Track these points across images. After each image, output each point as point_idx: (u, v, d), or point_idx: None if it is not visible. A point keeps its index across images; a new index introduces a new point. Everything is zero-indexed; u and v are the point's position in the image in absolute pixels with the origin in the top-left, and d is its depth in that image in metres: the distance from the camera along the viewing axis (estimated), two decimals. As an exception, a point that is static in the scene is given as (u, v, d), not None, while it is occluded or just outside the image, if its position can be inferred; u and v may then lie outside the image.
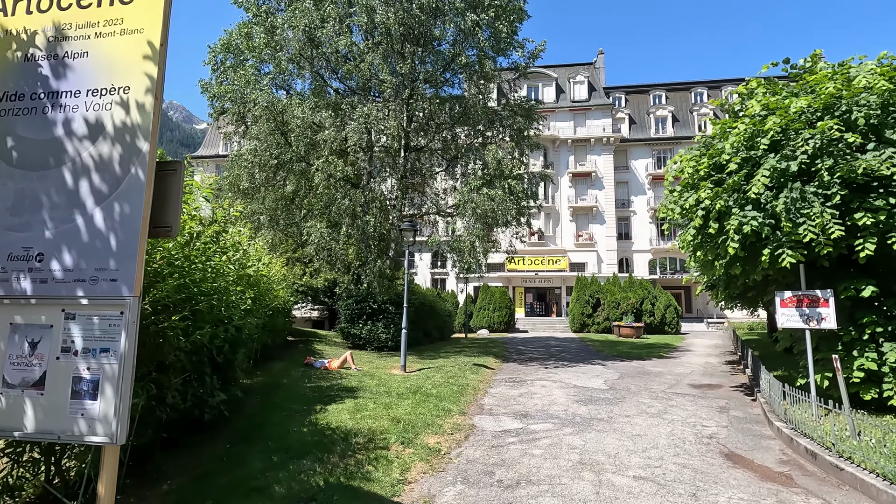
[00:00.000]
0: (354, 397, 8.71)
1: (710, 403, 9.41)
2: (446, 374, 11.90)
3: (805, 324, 7.63)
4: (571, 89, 44.91)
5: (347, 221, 14.23)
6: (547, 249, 41.45)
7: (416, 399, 8.75)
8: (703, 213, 8.61)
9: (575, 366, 14.69)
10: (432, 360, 14.68)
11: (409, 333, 19.39)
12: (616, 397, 9.76)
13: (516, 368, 13.95)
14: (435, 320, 21.86)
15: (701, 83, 45.74)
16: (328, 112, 14.84)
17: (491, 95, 16.89)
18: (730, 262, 8.80)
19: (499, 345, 21.05)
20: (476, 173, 14.22)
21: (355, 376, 11.22)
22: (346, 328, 17.54)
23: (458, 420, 7.58)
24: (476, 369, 12.88)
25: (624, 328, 27.27)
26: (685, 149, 9.25)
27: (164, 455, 5.09)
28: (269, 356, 12.66)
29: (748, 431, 7.29)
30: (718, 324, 36.74)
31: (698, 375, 13.22)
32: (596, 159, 43.06)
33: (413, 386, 10.07)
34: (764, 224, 7.70)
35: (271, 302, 9.71)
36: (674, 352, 19.96)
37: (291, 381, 9.96)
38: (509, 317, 32.50)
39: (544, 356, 17.33)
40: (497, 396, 9.77)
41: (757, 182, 7.47)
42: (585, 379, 12.13)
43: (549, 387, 10.90)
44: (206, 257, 5.23)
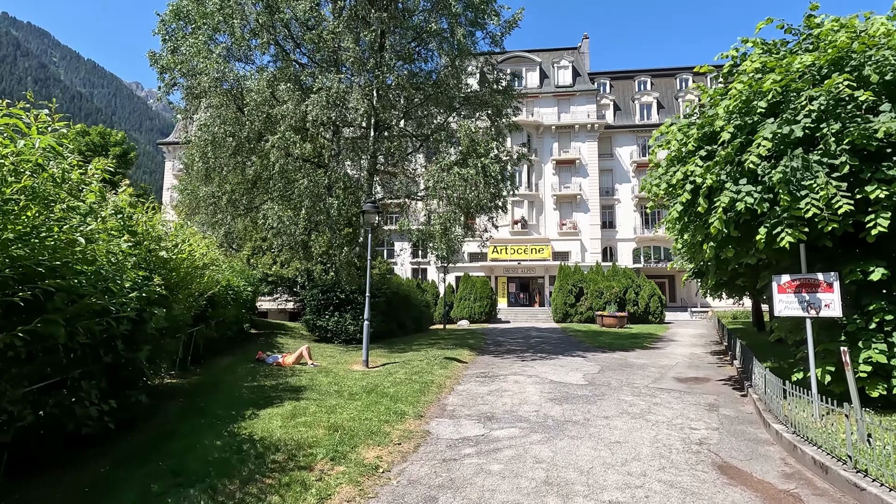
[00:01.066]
0: (297, 399, 7.61)
1: (697, 400, 8.52)
2: (412, 369, 10.86)
3: (805, 312, 6.73)
4: (555, 74, 43.83)
5: (307, 204, 13.01)
6: (530, 238, 40.59)
7: (368, 400, 7.69)
8: (692, 189, 7.64)
9: (554, 358, 13.78)
10: (401, 354, 13.64)
11: (381, 325, 18.43)
12: (595, 394, 8.83)
13: (490, 362, 12.98)
14: (410, 311, 20.81)
15: (686, 69, 45.00)
16: (287, 85, 13.53)
17: (467, 70, 15.71)
18: (721, 243, 7.87)
19: (477, 336, 20.10)
20: (447, 151, 13.12)
21: (309, 373, 10.13)
22: (312, 320, 16.40)
23: (410, 426, 6.55)
24: (446, 363, 11.87)
25: (607, 318, 26.56)
26: (672, 118, 8.25)
27: (10, 485, 3.95)
28: (218, 351, 11.49)
29: (742, 435, 6.38)
30: (702, 313, 36.36)
31: (684, 368, 12.40)
32: (580, 146, 42.17)
33: (370, 384, 9.01)
34: (761, 199, 6.75)
35: (203, 290, 8.52)
36: (658, 342, 19.22)
37: (232, 380, 8.82)
38: (491, 307, 31.61)
39: (522, 348, 16.41)
40: (463, 395, 8.76)
41: (756, 150, 6.49)
42: (563, 373, 11.20)
43: (522, 382, 9.93)
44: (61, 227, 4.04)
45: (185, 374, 9.14)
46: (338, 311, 16.28)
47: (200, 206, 15.71)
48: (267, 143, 12.63)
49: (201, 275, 7.90)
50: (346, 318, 16.19)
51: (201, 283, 7.99)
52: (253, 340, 14.86)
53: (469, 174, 12.44)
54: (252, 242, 26.17)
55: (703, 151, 7.42)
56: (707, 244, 7.99)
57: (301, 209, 12.98)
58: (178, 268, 6.73)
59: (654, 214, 43.06)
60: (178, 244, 7.09)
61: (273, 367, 10.65)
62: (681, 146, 7.66)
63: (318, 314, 16.38)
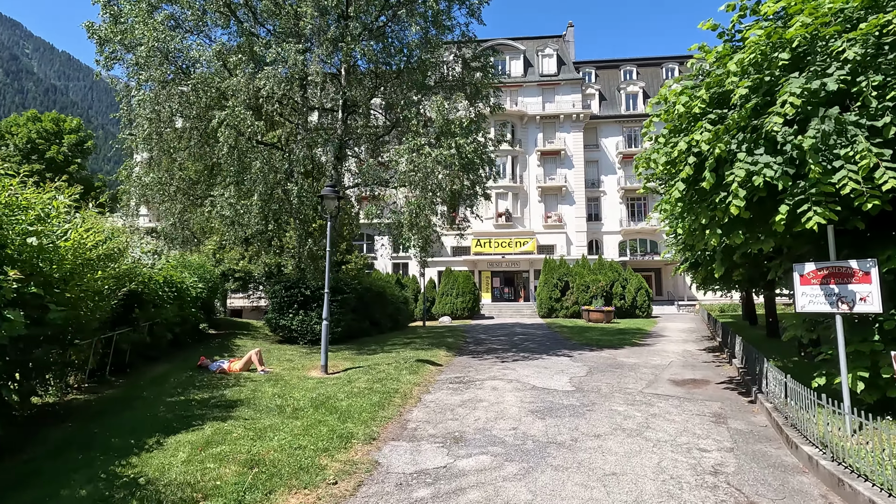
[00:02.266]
0: (225, 418, 6.26)
1: (700, 409, 7.38)
2: (376, 375, 9.56)
3: (835, 307, 5.58)
4: (540, 63, 42.63)
5: (261, 190, 11.57)
6: (515, 231, 39.46)
7: (312, 418, 6.37)
8: (696, 162, 6.44)
9: (537, 358, 12.59)
10: (370, 356, 12.32)
11: (352, 324, 17.05)
12: (583, 404, 7.63)
13: (468, 364, 11.74)
14: (385, 308, 19.47)
15: (672, 58, 44.21)
16: (239, 56, 12.03)
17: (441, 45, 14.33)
18: (728, 226, 6.68)
19: (457, 333, 18.86)
20: (419, 131, 11.80)
21: (256, 381, 8.76)
22: (275, 319, 14.97)
23: (356, 454, 5.25)
24: (417, 367, 10.59)
25: (594, 312, 25.53)
26: (672, 79, 7.03)
27: None
28: (154, 357, 10.04)
29: (764, 459, 5.22)
30: (689, 306, 35.68)
31: (678, 368, 11.30)
32: (565, 137, 41.10)
33: (322, 395, 7.68)
34: (782, 172, 5.57)
35: (115, 286, 7.07)
36: (647, 338, 18.20)
37: (155, 395, 7.41)
38: (473, 302, 30.41)
39: (505, 347, 15.21)
40: (431, 407, 7.49)
41: (782, 109, 5.29)
42: (547, 376, 10.00)
43: (501, 389, 8.70)
44: None
45: (100, 388, 7.70)
46: (303, 309, 14.88)
47: (147, 194, 14.13)
48: (214, 121, 11.12)
49: (106, 267, 6.46)
50: (311, 317, 14.80)
51: (107, 278, 6.55)
52: (206, 343, 13.41)
53: (443, 155, 11.11)
54: (219, 236, 24.55)
55: (713, 115, 6.21)
56: (713, 228, 6.80)
57: (254, 195, 11.51)
58: (63, 260, 5.31)
59: (640, 207, 42.28)
60: (66, 230, 5.65)
61: (215, 375, 9.25)
62: (686, 110, 6.44)
63: (282, 313, 14.96)
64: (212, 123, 11.22)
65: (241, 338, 15.25)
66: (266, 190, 11.65)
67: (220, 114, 11.04)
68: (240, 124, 11.22)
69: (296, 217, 12.72)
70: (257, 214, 11.82)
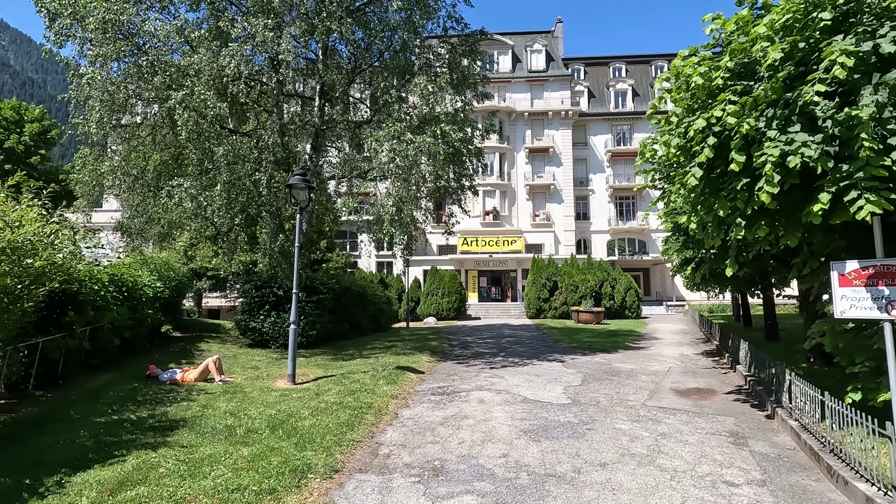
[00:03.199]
0: (157, 445, 5.19)
1: (713, 426, 6.51)
2: (350, 385, 8.54)
3: (885, 312, 4.73)
4: (528, 59, 41.85)
5: (225, 179, 10.44)
6: (502, 230, 38.62)
7: (264, 444, 5.33)
8: (717, 143, 5.55)
9: (528, 363, 11.69)
10: (346, 363, 11.28)
11: (329, 327, 15.97)
12: (582, 420, 6.71)
13: (453, 371, 10.77)
14: (366, 308, 18.41)
15: (661, 56, 43.79)
16: (202, 32, 10.89)
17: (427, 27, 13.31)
18: (751, 219, 5.82)
19: (442, 336, 17.90)
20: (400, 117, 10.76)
21: (210, 394, 7.68)
22: (244, 321, 13.84)
23: (310, 496, 4.24)
24: (397, 375, 9.59)
25: (583, 313, 24.78)
26: (687, 48, 6.14)
27: None
28: (97, 366, 8.86)
29: (807, 498, 4.34)
30: (678, 306, 35.22)
31: (679, 375, 10.48)
32: (554, 134, 40.39)
33: (283, 413, 6.64)
34: (823, 152, 4.71)
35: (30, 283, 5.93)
36: (640, 340, 17.45)
37: (83, 412, 6.29)
38: (460, 303, 29.46)
39: (493, 350, 14.29)
40: (408, 426, 6.50)
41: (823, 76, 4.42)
42: (539, 385, 9.09)
43: (489, 403, 7.74)
44: None
45: (19, 404, 6.55)
46: (275, 310, 13.77)
47: (104, 185, 12.88)
48: (170, 101, 9.96)
49: (17, 263, 5.33)
50: (284, 319, 13.68)
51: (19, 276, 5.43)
52: (166, 347, 12.24)
53: (426, 143, 10.11)
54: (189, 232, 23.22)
55: (739, 86, 5.32)
56: (733, 221, 5.93)
57: (217, 185, 10.38)
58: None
59: (628, 206, 41.77)
60: None
61: (164, 386, 8.14)
62: (705, 82, 5.54)
63: (252, 314, 13.84)
64: (167, 104, 10.05)
65: (209, 341, 14.08)
66: (231, 179, 10.52)
67: (176, 94, 9.89)
68: (200, 106, 10.08)
69: (266, 210, 11.61)
70: (222, 206, 10.68)
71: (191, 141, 10.32)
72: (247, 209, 11.51)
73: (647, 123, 41.45)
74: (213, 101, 10.12)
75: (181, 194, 10.37)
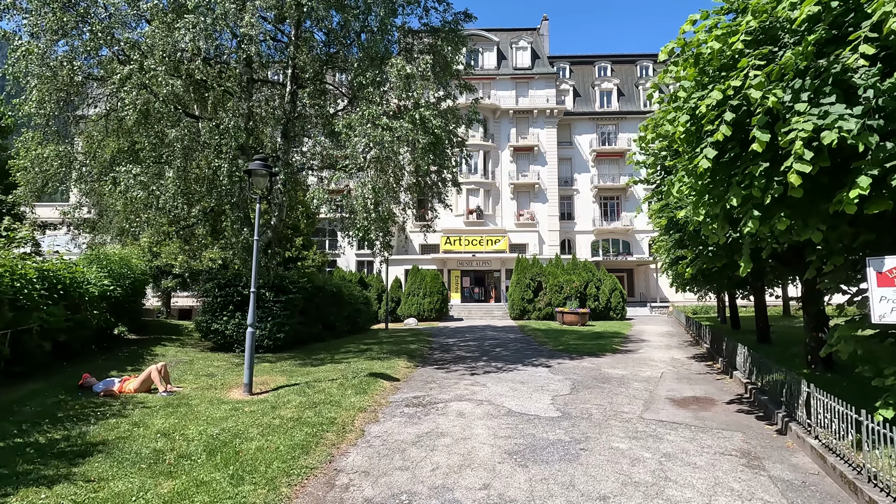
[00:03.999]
0: (60, 478, 4.20)
1: (722, 444, 5.76)
2: (313, 396, 7.59)
3: (934, 317, 4.02)
4: (514, 56, 41.22)
5: (179, 165, 9.38)
6: (486, 229, 37.87)
7: (193, 476, 4.38)
8: (736, 119, 4.79)
9: (512, 369, 10.88)
10: (315, 368, 10.31)
11: (300, 329, 14.90)
12: (574, 438, 5.90)
13: (431, 378, 9.89)
14: (342, 309, 17.40)
15: (646, 56, 43.60)
16: (155, 1, 9.80)
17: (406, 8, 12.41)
18: (768, 209, 5.08)
19: (422, 338, 17.01)
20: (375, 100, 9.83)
21: (149, 409, 6.66)
22: (206, 322, 12.74)
23: (238, 551, 3.32)
24: (368, 384, 8.67)
25: (568, 315, 24.14)
26: (699, 13, 5.37)
27: None
28: (24, 374, 7.74)
29: (850, 541, 3.58)
30: (662, 308, 34.91)
31: (673, 381, 9.78)
32: (539, 132, 39.82)
33: (227, 432, 5.68)
34: (863, 127, 3.98)
35: None
36: (627, 342, 16.82)
37: (-17, 435, 5.24)
38: (442, 303, 28.57)
39: (475, 354, 13.45)
40: (375, 447, 5.60)
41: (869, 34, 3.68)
42: (525, 395, 8.27)
43: (469, 416, 6.89)
44: None
45: None
46: (240, 310, 12.70)
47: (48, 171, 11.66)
48: (115, 76, 8.86)
49: None
50: (250, 320, 12.64)
51: None
52: (115, 352, 11.09)
53: (403, 129, 9.20)
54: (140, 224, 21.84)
55: (764, 50, 4.56)
56: (747, 210, 5.18)
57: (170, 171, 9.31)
58: None
59: (612, 206, 41.42)
60: None
61: (98, 398, 7.09)
62: (721, 47, 4.77)
63: (215, 315, 12.74)
64: (113, 78, 8.95)
65: (166, 344, 12.95)
66: (187, 166, 9.46)
67: (123, 68, 8.80)
68: (151, 83, 9.01)
69: (228, 201, 10.57)
70: (176, 196, 9.60)
71: (140, 123, 9.23)
72: (206, 200, 10.43)
73: (633, 124, 41.21)
74: (165, 77, 9.05)
75: (128, 181, 9.27)
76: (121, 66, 8.96)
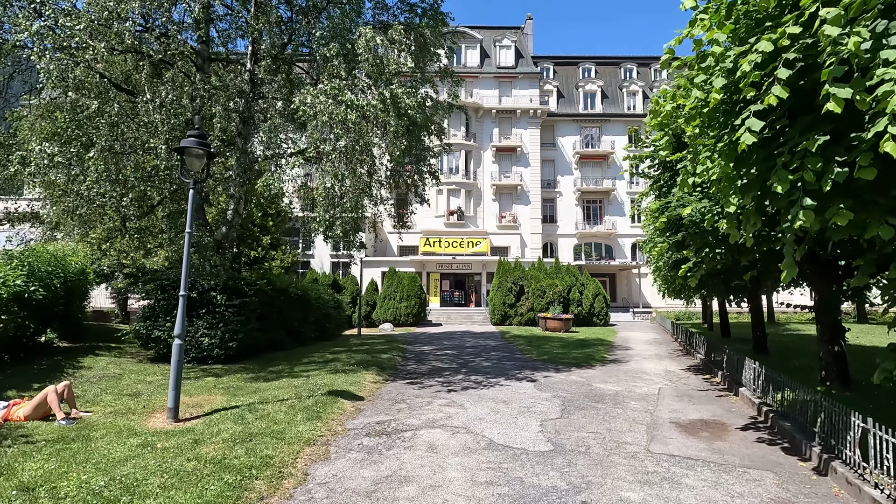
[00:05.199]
0: None
1: (755, 493, 4.62)
2: (253, 424, 6.21)
3: None
4: (497, 54, 40.30)
5: (104, 144, 7.90)
6: (467, 231, 36.74)
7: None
8: (792, 76, 3.66)
9: (493, 384, 9.66)
10: (267, 384, 8.90)
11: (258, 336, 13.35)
12: (573, 486, 4.68)
13: (401, 395, 8.58)
14: (308, 314, 15.94)
15: (631, 58, 43.23)
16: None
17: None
18: (826, 198, 3.97)
19: (396, 346, 15.67)
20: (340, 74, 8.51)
21: (33, 444, 5.20)
22: (146, 329, 11.19)
23: None
24: (324, 405, 7.32)
25: (551, 320, 23.09)
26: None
27: None
28: None
29: None
30: (645, 313, 34.24)
31: (673, 400, 8.69)
32: (522, 133, 38.94)
33: (119, 483, 4.28)
34: None
35: None
36: (614, 351, 15.80)
37: None
38: (419, 307, 27.24)
39: (453, 366, 12.20)
40: (317, 498, 4.28)
41: None
42: (509, 418, 7.05)
43: (442, 451, 5.62)
44: None
45: None
46: (187, 316, 11.16)
47: None
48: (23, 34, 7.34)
49: None
50: (198, 327, 11.16)
51: None
52: (31, 362, 9.48)
53: (371, 107, 7.91)
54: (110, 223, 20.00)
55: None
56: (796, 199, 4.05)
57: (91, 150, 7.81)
58: None
59: (595, 209, 40.74)
60: None
61: (-29, 430, 5.58)
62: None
63: (156, 321, 11.19)
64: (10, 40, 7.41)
65: (101, 354, 11.36)
66: (113, 145, 7.98)
67: (30, 24, 7.29)
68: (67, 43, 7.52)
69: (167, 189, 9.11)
70: (100, 180, 8.09)
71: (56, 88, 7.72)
72: (140, 186, 8.93)
73: (617, 126, 40.67)
74: (85, 37, 7.56)
75: (41, 161, 7.74)
76: (28, 22, 7.43)
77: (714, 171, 4.66)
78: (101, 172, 7.93)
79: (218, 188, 12.59)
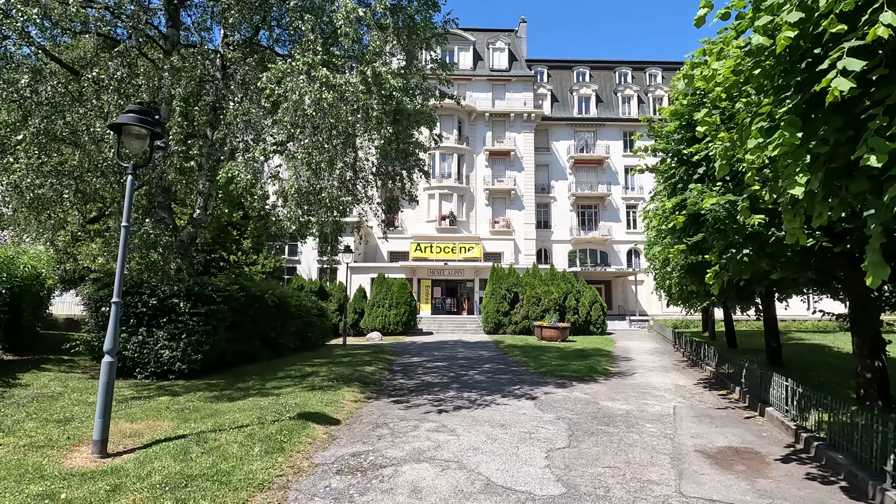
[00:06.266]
0: None
1: (832, 559, 3.55)
2: (194, 461, 5.05)
3: None
4: (490, 57, 39.55)
5: (37, 125, 6.76)
6: (459, 236, 35.68)
7: None
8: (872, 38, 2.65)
9: (489, 402, 8.56)
10: (227, 405, 7.72)
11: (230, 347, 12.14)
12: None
13: (383, 418, 7.45)
14: (287, 323, 14.74)
15: (625, 63, 42.70)
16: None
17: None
18: None
19: (383, 357, 14.52)
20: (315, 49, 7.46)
21: None
22: (97, 341, 9.99)
23: None
24: (290, 433, 6.18)
25: (547, 329, 22.05)
26: None
27: None
28: None
29: None
30: (642, 321, 33.33)
31: (693, 422, 7.64)
32: (515, 137, 38.10)
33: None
34: None
35: None
36: (616, 362, 14.78)
37: None
38: (409, 315, 26.06)
39: (444, 380, 11.09)
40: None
41: None
42: (509, 448, 5.95)
43: (428, 496, 4.51)
44: None
45: None
46: (144, 326, 9.99)
47: None
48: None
49: None
50: (158, 338, 9.96)
51: None
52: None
53: (350, 86, 6.86)
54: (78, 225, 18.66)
55: None
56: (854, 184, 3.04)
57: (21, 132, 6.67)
58: None
59: (590, 215, 39.91)
60: None
61: None
62: None
63: (111, 331, 9.96)
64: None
65: (47, 368, 10.13)
66: (48, 127, 6.84)
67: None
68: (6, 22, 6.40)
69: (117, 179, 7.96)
70: (32, 168, 6.94)
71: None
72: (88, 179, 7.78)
73: (612, 131, 40.00)
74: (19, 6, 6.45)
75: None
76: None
77: (775, 145, 3.63)
78: (33, 162, 6.77)
79: (187, 183, 11.43)
